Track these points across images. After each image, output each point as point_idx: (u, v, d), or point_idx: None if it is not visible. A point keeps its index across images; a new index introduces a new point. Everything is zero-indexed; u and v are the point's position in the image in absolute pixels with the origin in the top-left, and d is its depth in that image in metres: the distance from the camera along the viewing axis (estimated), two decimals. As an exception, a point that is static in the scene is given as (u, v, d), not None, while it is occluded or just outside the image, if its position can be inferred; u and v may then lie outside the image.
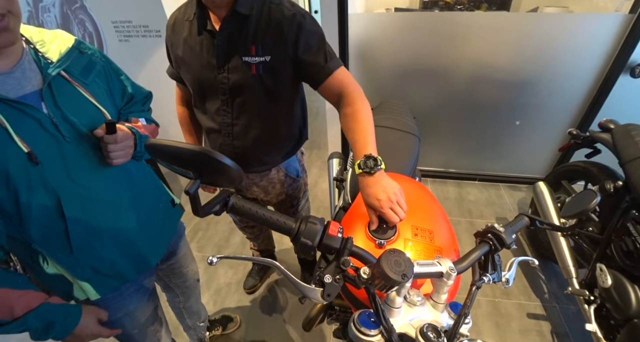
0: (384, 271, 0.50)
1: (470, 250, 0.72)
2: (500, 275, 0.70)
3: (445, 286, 0.64)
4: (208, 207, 0.57)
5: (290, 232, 0.59)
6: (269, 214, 0.60)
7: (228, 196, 0.60)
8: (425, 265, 0.63)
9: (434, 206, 0.99)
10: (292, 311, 1.93)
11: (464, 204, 2.65)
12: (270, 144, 1.22)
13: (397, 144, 1.46)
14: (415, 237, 0.82)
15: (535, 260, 0.79)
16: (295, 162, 1.40)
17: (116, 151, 0.82)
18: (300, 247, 0.57)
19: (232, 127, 1.15)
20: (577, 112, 2.36)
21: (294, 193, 1.46)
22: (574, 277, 1.60)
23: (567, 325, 1.76)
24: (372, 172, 0.84)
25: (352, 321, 0.59)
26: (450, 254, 0.82)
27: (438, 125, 2.66)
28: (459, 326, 0.60)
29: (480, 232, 0.75)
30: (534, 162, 2.71)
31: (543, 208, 1.83)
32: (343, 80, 1.05)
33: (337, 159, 1.98)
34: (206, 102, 1.16)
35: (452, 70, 2.35)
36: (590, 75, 2.19)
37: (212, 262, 0.56)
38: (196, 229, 2.59)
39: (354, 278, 0.56)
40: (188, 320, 1.53)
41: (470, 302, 0.64)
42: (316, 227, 0.58)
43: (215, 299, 2.02)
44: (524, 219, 0.79)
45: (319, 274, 0.56)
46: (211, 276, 2.17)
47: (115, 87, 0.95)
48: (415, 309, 0.64)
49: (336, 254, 0.59)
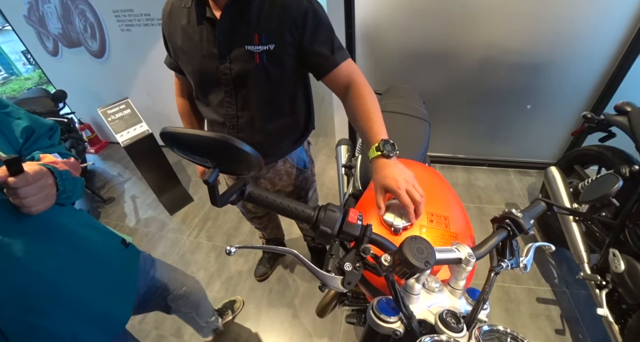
0: (406, 258, 0.50)
1: (488, 236, 0.71)
2: (518, 261, 0.70)
3: (464, 272, 0.64)
4: (225, 197, 0.57)
5: (309, 220, 0.59)
6: (287, 202, 0.60)
7: (244, 185, 0.59)
8: (444, 251, 0.62)
9: (448, 192, 0.98)
10: (304, 298, 1.95)
11: (473, 190, 2.64)
12: (276, 135, 1.20)
13: (407, 129, 1.45)
14: (430, 224, 0.81)
15: (552, 245, 0.79)
16: (302, 153, 1.38)
17: (31, 195, 0.64)
18: (319, 235, 0.57)
19: (237, 119, 1.13)
20: (591, 95, 2.31)
21: (302, 185, 1.45)
22: (586, 263, 1.60)
23: (578, 310, 1.77)
24: (390, 156, 0.84)
25: (371, 309, 0.59)
26: (466, 240, 0.82)
27: (447, 109, 2.62)
28: (477, 312, 0.60)
29: (497, 218, 0.75)
30: (545, 147, 2.68)
31: (555, 193, 1.81)
32: (352, 72, 1.03)
33: (346, 146, 1.97)
34: (209, 94, 1.12)
35: (462, 53, 2.30)
36: (606, 55, 2.12)
37: (230, 252, 0.56)
38: (205, 218, 2.61)
39: (375, 266, 0.56)
40: (200, 322, 1.53)
41: (489, 288, 0.64)
42: (335, 215, 0.57)
43: (227, 286, 2.05)
44: (541, 204, 0.78)
45: (339, 262, 0.56)
46: (222, 264, 2.20)
47: (3, 124, 0.77)
48: (433, 295, 0.64)
49: (355, 241, 0.59)
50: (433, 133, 2.65)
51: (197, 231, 2.51)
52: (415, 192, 0.78)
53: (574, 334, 1.68)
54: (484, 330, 0.58)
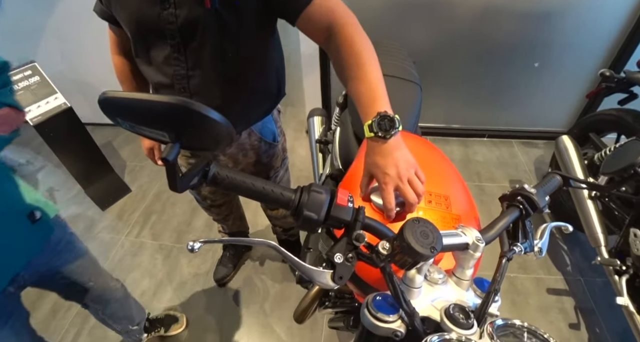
0: (409, 245, 0.51)
1: (497, 217, 0.74)
2: (532, 244, 0.73)
3: (472, 259, 0.66)
4: (185, 181, 0.56)
5: (289, 204, 0.59)
6: (261, 184, 0.59)
7: (207, 164, 0.58)
8: (448, 236, 0.64)
9: (448, 168, 1.01)
10: (275, 302, 1.98)
11: (471, 166, 2.73)
12: (239, 102, 1.19)
13: (395, 95, 1.44)
14: (429, 205, 0.83)
15: (569, 226, 0.82)
16: (270, 123, 1.38)
17: None
18: (303, 222, 0.57)
19: (187, 80, 1.10)
20: (609, 49, 2.38)
21: (271, 161, 1.45)
22: (603, 245, 1.68)
23: (593, 300, 1.90)
24: (387, 137, 0.78)
25: (365, 307, 0.61)
26: (471, 223, 0.85)
27: (440, 70, 2.65)
28: (488, 305, 0.63)
29: (507, 195, 0.78)
30: (555, 113, 2.78)
31: (568, 166, 1.90)
32: (332, 8, 0.96)
33: (319, 117, 1.96)
34: (151, 49, 1.09)
35: (459, 1, 2.31)
36: (628, 2, 2.18)
37: (193, 249, 0.55)
38: (148, 212, 2.56)
39: (370, 256, 0.57)
40: (115, 325, 1.57)
41: (500, 277, 0.66)
42: (321, 197, 0.57)
43: (179, 295, 2.04)
44: (556, 178, 0.82)
45: (328, 254, 0.57)
46: (173, 267, 2.18)
47: None
48: (436, 288, 0.66)
49: (345, 228, 0.60)
50: (424, 99, 2.67)
51: (139, 228, 2.47)
52: (410, 190, 0.76)
53: (590, 327, 1.79)
54: (497, 325, 0.60)
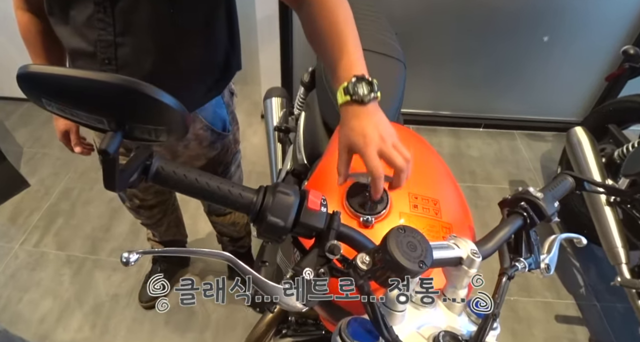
0: (394, 259, 0.52)
1: (496, 226, 0.76)
2: (538, 259, 0.75)
3: (466, 276, 0.68)
4: (124, 177, 0.55)
5: (249, 208, 0.59)
6: (216, 182, 0.59)
7: (148, 157, 0.58)
8: (439, 248, 0.65)
9: (438, 165, 1.03)
10: (219, 329, 1.97)
11: (464, 162, 2.79)
12: (178, 77, 1.19)
13: (374, 73, 1.48)
14: (414, 210, 0.85)
15: (582, 238, 0.85)
16: (220, 108, 1.39)
17: None
18: (265, 230, 0.57)
19: (114, 49, 1.10)
20: (633, 22, 2.46)
21: (220, 156, 1.46)
22: (624, 263, 1.72)
23: (612, 329, 1.96)
24: (366, 101, 0.82)
25: (338, 334, 0.61)
26: (464, 232, 0.87)
27: (426, 45, 2.68)
28: (485, 333, 0.65)
29: (507, 200, 0.80)
30: (567, 99, 2.86)
31: (581, 165, 1.94)
32: None
33: (279, 99, 1.96)
34: (69, 6, 1.07)
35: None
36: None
37: (128, 262, 0.55)
38: (52, 213, 2.49)
39: (344, 271, 0.59)
40: None
41: (500, 299, 0.68)
42: (289, 199, 0.58)
43: (92, 320, 1.99)
44: (568, 180, 0.85)
45: (295, 268, 0.58)
46: (84, 285, 2.13)
47: None
48: (423, 311, 0.68)
49: (317, 237, 0.60)
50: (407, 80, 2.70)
51: (39, 234, 2.39)
52: (396, 153, 0.78)
53: (607, 363, 1.85)
54: (496, 358, 0.63)
